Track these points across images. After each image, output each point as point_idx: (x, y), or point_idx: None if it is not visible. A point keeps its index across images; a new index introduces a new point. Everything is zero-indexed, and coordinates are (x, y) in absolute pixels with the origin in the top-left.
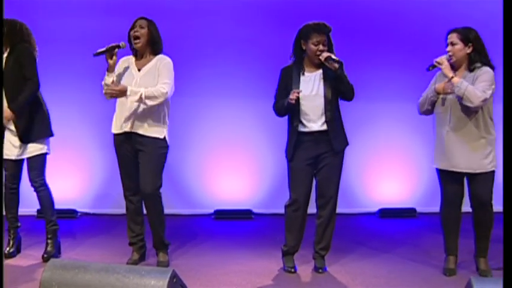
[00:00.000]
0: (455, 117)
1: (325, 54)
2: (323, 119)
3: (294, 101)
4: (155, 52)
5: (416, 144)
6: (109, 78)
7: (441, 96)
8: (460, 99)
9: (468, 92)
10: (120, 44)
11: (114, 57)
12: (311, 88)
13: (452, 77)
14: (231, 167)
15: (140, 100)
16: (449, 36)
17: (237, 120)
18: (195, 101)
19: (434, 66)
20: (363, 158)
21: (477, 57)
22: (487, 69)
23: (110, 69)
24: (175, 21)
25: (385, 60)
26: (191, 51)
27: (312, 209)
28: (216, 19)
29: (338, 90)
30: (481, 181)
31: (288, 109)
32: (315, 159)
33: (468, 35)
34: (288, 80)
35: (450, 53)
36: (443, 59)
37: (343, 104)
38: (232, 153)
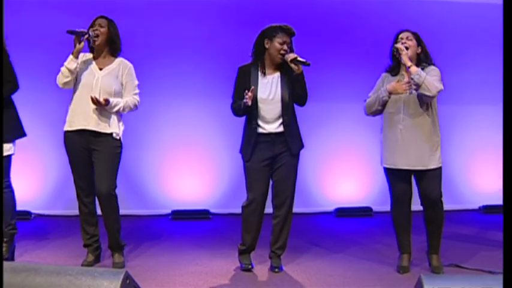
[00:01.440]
0: (408, 116)
1: (292, 55)
2: (280, 121)
3: (249, 103)
4: (113, 52)
5: (372, 144)
6: (73, 63)
7: (393, 96)
8: (417, 89)
9: (427, 80)
10: (91, 34)
11: (82, 43)
12: (269, 91)
13: (411, 66)
14: (188, 167)
15: (118, 112)
16: (402, 34)
17: (194, 120)
18: (152, 100)
19: (397, 50)
20: (319, 157)
21: (424, 58)
22: (435, 67)
23: (76, 53)
24: (132, 19)
25: (339, 61)
26: (148, 50)
27: (268, 208)
28: (174, 18)
29: (294, 93)
30: (430, 178)
31: (246, 111)
32: (272, 159)
33: (419, 37)
34: (246, 80)
35: (407, 45)
36: (403, 48)
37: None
38: (189, 153)
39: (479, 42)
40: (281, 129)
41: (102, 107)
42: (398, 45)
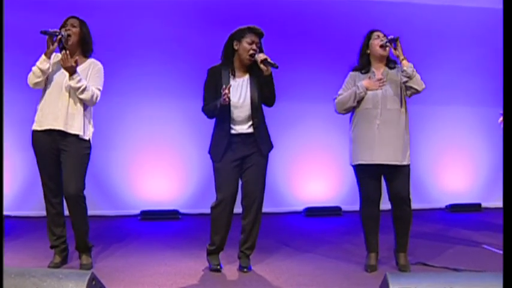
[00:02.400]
0: (386, 111)
1: (263, 56)
2: (250, 122)
3: (227, 100)
4: (85, 52)
5: (340, 144)
6: (45, 64)
7: (370, 92)
8: (407, 81)
9: (417, 75)
10: (63, 34)
11: (56, 44)
12: (239, 95)
13: (404, 58)
14: (158, 167)
15: (78, 89)
16: (377, 32)
17: (163, 120)
18: (122, 100)
19: (391, 43)
20: (288, 157)
21: (391, 59)
22: None
23: (49, 54)
24: (102, 19)
25: (307, 61)
26: (118, 50)
27: (237, 209)
28: (143, 18)
29: (263, 95)
30: (401, 176)
31: (221, 110)
32: (241, 160)
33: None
34: (217, 81)
35: (382, 43)
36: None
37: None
38: (158, 154)
39: (446, 44)
40: (251, 130)
41: (70, 67)
42: (389, 38)
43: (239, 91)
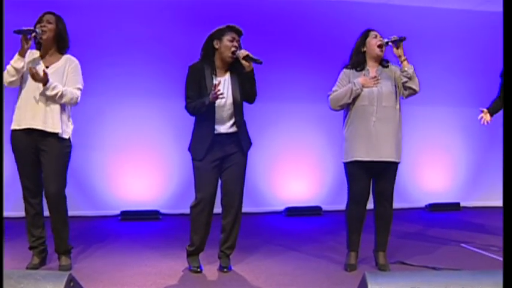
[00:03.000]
0: (381, 108)
1: (245, 52)
2: (232, 121)
3: (218, 97)
4: (61, 49)
5: (321, 144)
6: (20, 63)
7: (366, 89)
8: (407, 81)
9: (415, 76)
10: (37, 31)
11: (30, 42)
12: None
13: (405, 59)
14: (138, 168)
15: (55, 96)
16: (374, 32)
17: (143, 120)
18: (101, 100)
19: (393, 42)
20: (270, 157)
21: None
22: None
23: (23, 53)
24: (81, 17)
25: (289, 61)
26: (97, 49)
27: (217, 208)
28: (123, 17)
29: (244, 91)
30: (389, 174)
31: (207, 108)
32: (221, 160)
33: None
34: (200, 79)
35: (380, 42)
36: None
37: (250, 105)
38: (139, 154)
39: (426, 45)
40: (234, 129)
41: (40, 81)
42: (392, 38)
43: (221, 90)
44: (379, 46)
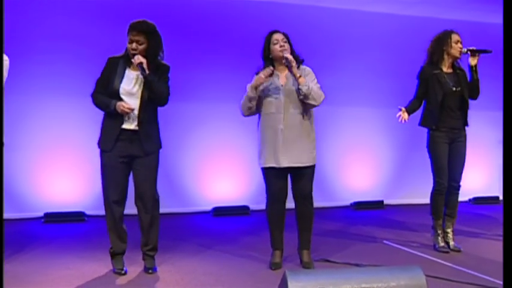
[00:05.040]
0: (288, 115)
1: (137, 60)
2: (138, 120)
3: (126, 110)
4: None
5: (247, 144)
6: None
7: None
8: (304, 99)
9: (313, 91)
10: None
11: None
12: (131, 86)
13: (300, 77)
14: (62, 168)
15: None
16: (276, 35)
17: (67, 119)
18: (24, 99)
19: (286, 60)
20: (196, 157)
21: (295, 57)
22: (308, 68)
23: None
24: (12, 15)
25: (212, 61)
26: (21, 47)
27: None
28: (52, 15)
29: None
30: (304, 176)
31: (112, 111)
32: (129, 158)
33: (288, 38)
34: (112, 71)
35: (285, 48)
36: (293, 59)
37: (175, 101)
38: (63, 154)
39: (349, 47)
40: (137, 127)
41: None
42: (289, 57)
43: (133, 82)
44: (281, 51)
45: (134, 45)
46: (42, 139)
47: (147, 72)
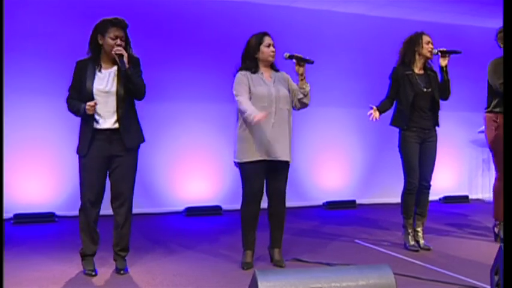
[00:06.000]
0: (279, 110)
1: (118, 51)
2: (115, 117)
3: (91, 112)
4: None
5: (220, 143)
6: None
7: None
8: (302, 97)
9: (309, 94)
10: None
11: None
12: (105, 85)
13: (304, 77)
14: (31, 168)
15: None
16: (270, 38)
17: (35, 120)
18: None
19: (292, 57)
20: (169, 157)
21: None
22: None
23: None
24: None
25: (188, 61)
26: None
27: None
28: (16, 12)
29: (127, 87)
30: (283, 173)
31: (83, 114)
32: (108, 158)
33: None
34: (82, 75)
35: (273, 50)
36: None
37: (147, 101)
38: (33, 154)
39: (322, 47)
40: (116, 125)
41: None
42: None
43: (105, 81)
44: (272, 52)
45: (119, 41)
46: (11, 140)
47: (127, 65)
